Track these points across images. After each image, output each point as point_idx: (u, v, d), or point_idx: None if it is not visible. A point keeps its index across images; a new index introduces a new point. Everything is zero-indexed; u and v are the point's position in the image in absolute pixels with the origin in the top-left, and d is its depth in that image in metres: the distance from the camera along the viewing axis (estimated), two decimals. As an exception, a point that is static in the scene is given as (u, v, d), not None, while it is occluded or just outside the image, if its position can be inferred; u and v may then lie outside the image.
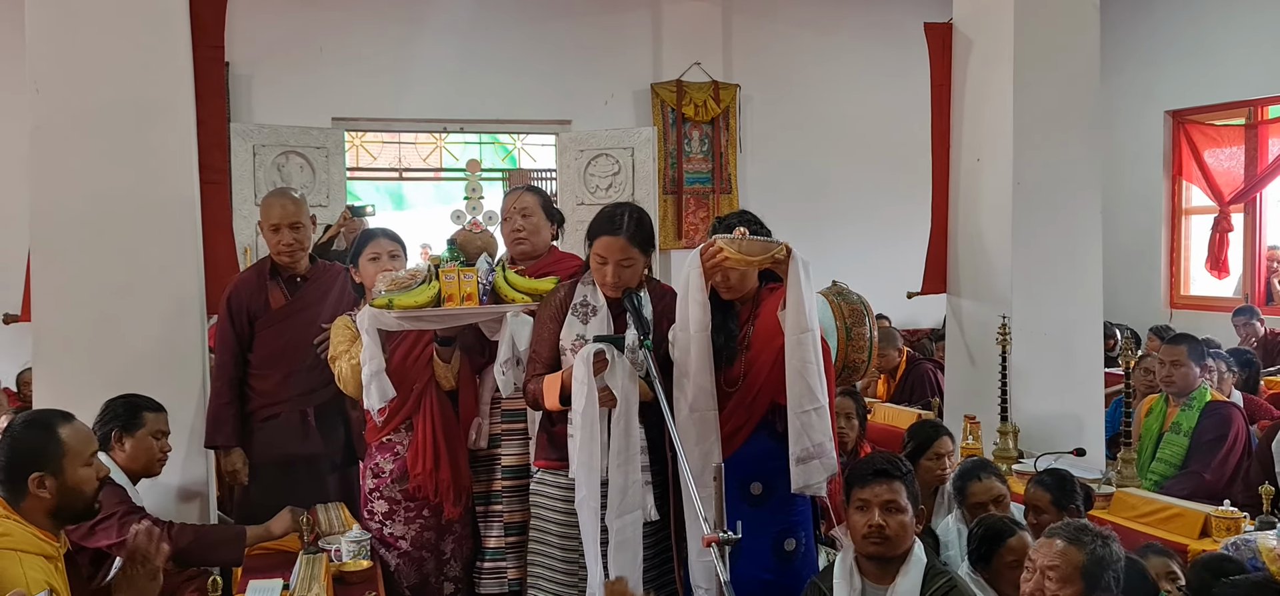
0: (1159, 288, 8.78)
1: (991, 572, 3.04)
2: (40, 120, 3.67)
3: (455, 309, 3.24)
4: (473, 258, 3.38)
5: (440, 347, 3.41)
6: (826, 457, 2.86)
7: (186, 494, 3.79)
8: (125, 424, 3.33)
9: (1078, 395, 4.88)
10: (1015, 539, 3.05)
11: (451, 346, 3.42)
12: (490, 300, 3.29)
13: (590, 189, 7.67)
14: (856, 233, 8.27)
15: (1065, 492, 3.42)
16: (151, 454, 3.35)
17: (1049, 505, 3.40)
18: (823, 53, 8.55)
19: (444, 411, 3.47)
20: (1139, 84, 8.52)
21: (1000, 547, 3.03)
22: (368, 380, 3.29)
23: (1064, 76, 4.86)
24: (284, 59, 7.36)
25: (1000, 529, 3.10)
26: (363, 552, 3.27)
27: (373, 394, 3.29)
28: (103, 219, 3.73)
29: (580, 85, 8.05)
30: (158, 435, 3.37)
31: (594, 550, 2.87)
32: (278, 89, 7.32)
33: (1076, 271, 4.89)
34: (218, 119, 4.12)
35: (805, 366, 2.83)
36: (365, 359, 3.30)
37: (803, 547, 3.04)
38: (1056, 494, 3.42)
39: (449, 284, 3.25)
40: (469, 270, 3.28)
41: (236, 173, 6.54)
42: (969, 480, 3.55)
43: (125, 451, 3.32)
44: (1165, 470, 4.63)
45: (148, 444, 3.34)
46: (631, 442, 2.86)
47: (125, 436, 3.32)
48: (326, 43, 7.52)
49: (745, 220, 3.03)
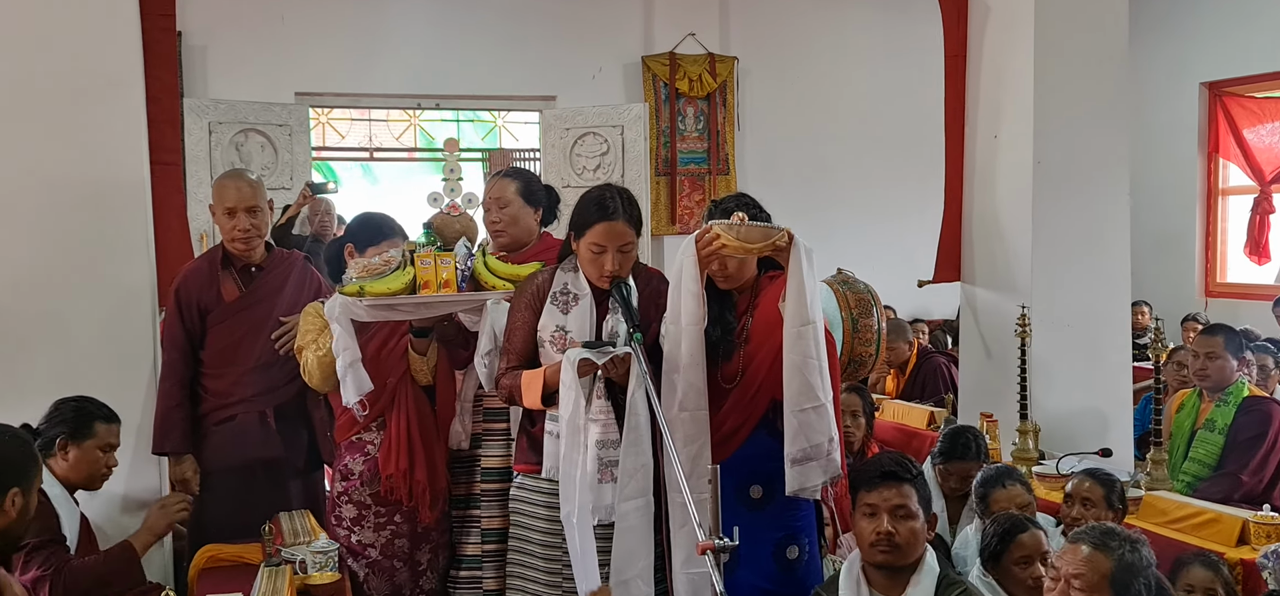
0: (1193, 275, 8.81)
1: (1000, 571, 3.07)
2: (-27, 96, 3.65)
3: (432, 296, 3.23)
4: (450, 242, 3.37)
5: (416, 338, 3.40)
6: (827, 459, 2.87)
7: (135, 505, 3.76)
8: (73, 431, 3.26)
9: (1103, 391, 4.88)
10: (1027, 535, 3.09)
11: (428, 337, 3.41)
12: (470, 287, 3.27)
13: (577, 170, 7.67)
14: (864, 216, 8.28)
15: (1116, 492, 3.47)
16: (96, 467, 3.30)
17: (1102, 500, 3.44)
18: (827, 22, 8.54)
19: (420, 407, 3.47)
20: (1172, 54, 8.53)
21: (1010, 544, 3.05)
22: (343, 372, 3.28)
23: (1090, 45, 4.85)
24: (242, 28, 7.32)
25: (1014, 524, 3.12)
26: (330, 564, 3.26)
27: (349, 386, 3.28)
28: (43, 205, 3.71)
29: (566, 58, 8.04)
30: (106, 448, 3.32)
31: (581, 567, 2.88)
32: (236, 61, 7.28)
33: (1102, 257, 4.89)
34: (169, 94, 4.09)
35: (805, 362, 2.84)
36: (338, 349, 3.28)
37: (806, 555, 3.05)
38: (1109, 491, 3.46)
39: (425, 270, 3.23)
40: (446, 255, 3.26)
41: (191, 153, 6.53)
42: (992, 487, 3.56)
43: (68, 461, 3.25)
44: (1199, 471, 4.64)
45: (94, 457, 3.29)
46: (642, 422, 2.86)
47: (71, 445, 3.25)
48: (289, 11, 7.47)
49: (743, 204, 3.03)
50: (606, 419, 2.92)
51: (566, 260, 3.12)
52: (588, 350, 2.87)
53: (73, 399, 3.34)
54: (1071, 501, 3.51)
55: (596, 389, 2.93)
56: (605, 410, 2.93)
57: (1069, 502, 3.52)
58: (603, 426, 2.91)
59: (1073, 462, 4.15)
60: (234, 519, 3.64)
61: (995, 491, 3.54)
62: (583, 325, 3.03)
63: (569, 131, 7.70)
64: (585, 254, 3.02)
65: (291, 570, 3.15)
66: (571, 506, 2.90)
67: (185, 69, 6.79)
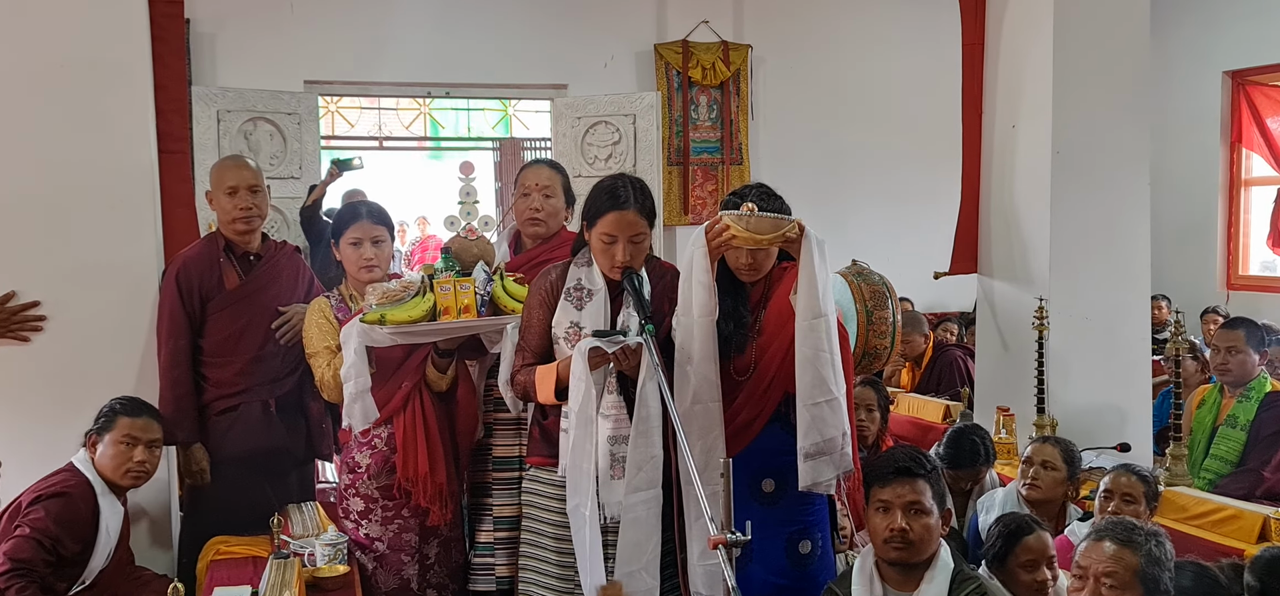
0: (1214, 266, 8.76)
1: (1006, 573, 3.07)
2: (-21, 85, 3.67)
3: (452, 322, 3.29)
4: (468, 266, 3.41)
5: (438, 358, 3.45)
6: (839, 454, 2.87)
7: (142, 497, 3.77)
8: (101, 424, 3.41)
9: (1122, 385, 4.87)
10: (1033, 538, 3.09)
11: (450, 358, 3.47)
12: (489, 311, 3.34)
13: (588, 160, 7.66)
14: (879, 207, 8.26)
15: (1151, 487, 3.50)
16: (120, 460, 3.37)
17: (1143, 496, 3.46)
18: (843, 9, 8.50)
19: (437, 409, 3.50)
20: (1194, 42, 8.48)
21: (1015, 546, 3.05)
22: (351, 400, 3.35)
23: (1110, 33, 4.83)
24: (251, 16, 7.33)
25: (1019, 526, 3.12)
26: (339, 556, 3.30)
27: (356, 415, 3.37)
28: (50, 193, 3.72)
29: (577, 46, 8.02)
30: (128, 441, 3.38)
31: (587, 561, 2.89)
32: (244, 49, 7.28)
33: (1122, 249, 4.88)
34: (177, 82, 4.12)
35: (817, 355, 2.83)
36: (347, 375, 3.34)
37: (819, 550, 3.05)
38: (1147, 486, 3.48)
39: (444, 296, 3.29)
40: (465, 280, 3.32)
41: (199, 142, 6.53)
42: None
43: (97, 454, 3.39)
44: (1220, 468, 4.63)
45: (116, 450, 3.37)
46: (653, 412, 2.87)
47: (98, 438, 3.39)
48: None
49: (762, 194, 3.02)
50: (618, 414, 2.93)
51: (580, 254, 3.12)
52: (598, 339, 2.87)
53: (122, 396, 3.48)
54: (1110, 496, 3.50)
55: (608, 383, 2.93)
56: (617, 405, 2.93)
57: (1108, 498, 3.50)
58: (614, 422, 2.92)
59: (1090, 458, 4.14)
60: (235, 509, 3.67)
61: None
62: (597, 320, 3.03)
63: (580, 120, 7.69)
64: (597, 244, 3.02)
65: (300, 562, 3.18)
66: (579, 498, 2.91)
67: (193, 56, 6.82)
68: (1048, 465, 3.78)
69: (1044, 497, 3.74)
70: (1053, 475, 3.76)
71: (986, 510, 3.83)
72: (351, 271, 3.62)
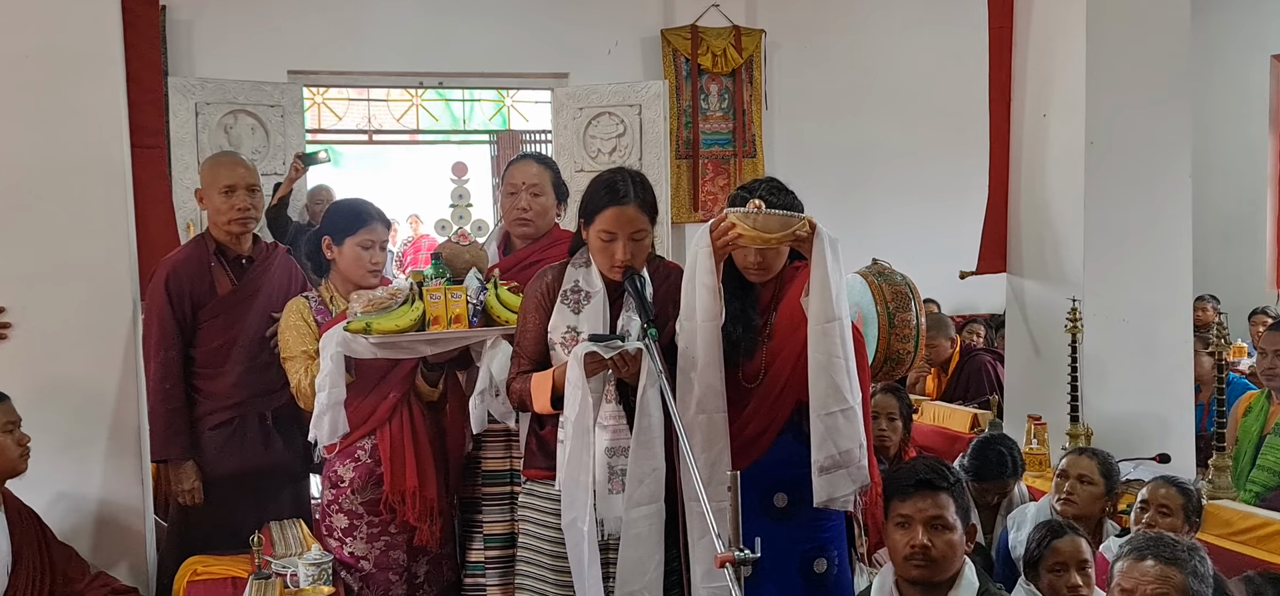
0: (1262, 264, 8.75)
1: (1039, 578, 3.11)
2: (-59, 75, 3.68)
3: (442, 332, 3.27)
4: (460, 273, 3.40)
5: (428, 373, 3.44)
6: (856, 467, 2.85)
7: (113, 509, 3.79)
8: None
9: (1162, 391, 4.86)
10: (1065, 542, 3.12)
11: (440, 372, 3.46)
12: (481, 321, 3.32)
13: (591, 153, 7.67)
14: (902, 203, 8.25)
15: (1193, 502, 3.50)
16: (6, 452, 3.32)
17: (1181, 510, 3.46)
18: (863, -9, 8.51)
19: (427, 421, 3.51)
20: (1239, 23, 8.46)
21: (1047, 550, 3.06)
22: (320, 412, 3.31)
23: (1148, 13, 4.82)
24: (231, 2, 7.35)
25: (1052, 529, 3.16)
26: (323, 577, 3.29)
27: (324, 427, 3.32)
28: (15, 190, 3.75)
29: (579, 32, 8.03)
30: (6, 428, 3.33)
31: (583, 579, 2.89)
32: (224, 37, 7.31)
33: (1161, 246, 4.87)
34: (152, 72, 4.14)
35: (831, 361, 2.82)
36: (322, 384, 3.31)
37: (835, 569, 3.04)
38: (1187, 499, 3.48)
39: (435, 305, 3.26)
40: (457, 288, 3.30)
41: (176, 135, 6.57)
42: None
43: None
44: (1267, 480, 4.60)
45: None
46: (655, 422, 2.86)
47: None
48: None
49: (772, 189, 3.01)
50: (617, 424, 2.92)
51: (577, 255, 3.12)
52: (594, 343, 2.86)
53: None
54: (1146, 507, 3.50)
55: (606, 391, 2.93)
56: (616, 414, 2.93)
57: (1144, 508, 3.50)
58: (613, 432, 2.91)
59: (1128, 469, 4.13)
60: (227, 528, 3.65)
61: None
62: (596, 325, 3.02)
63: (583, 111, 7.70)
64: (595, 242, 3.02)
65: (282, 583, 3.18)
66: (575, 513, 2.90)
67: (170, 45, 6.84)
68: (1084, 479, 3.74)
69: (1079, 513, 3.71)
70: (1089, 490, 3.74)
71: (1017, 526, 3.82)
72: (355, 275, 3.59)
